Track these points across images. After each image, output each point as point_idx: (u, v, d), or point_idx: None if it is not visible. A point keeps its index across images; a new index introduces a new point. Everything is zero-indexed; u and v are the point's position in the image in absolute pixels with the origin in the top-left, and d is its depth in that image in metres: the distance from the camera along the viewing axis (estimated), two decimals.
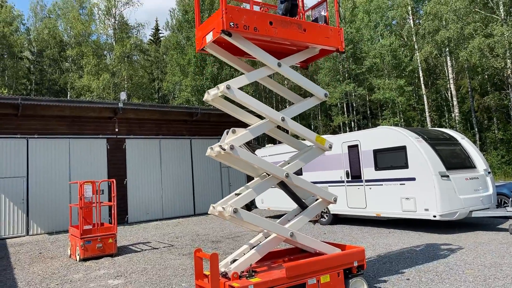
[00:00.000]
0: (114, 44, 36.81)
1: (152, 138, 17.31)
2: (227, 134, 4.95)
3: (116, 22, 37.30)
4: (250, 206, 15.57)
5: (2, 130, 14.11)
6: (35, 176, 14.46)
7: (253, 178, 5.54)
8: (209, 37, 5.01)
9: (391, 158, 10.37)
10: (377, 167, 10.65)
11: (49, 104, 14.43)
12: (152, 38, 55.70)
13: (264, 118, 5.22)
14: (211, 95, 4.99)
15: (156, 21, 56.92)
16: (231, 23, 4.58)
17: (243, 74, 5.31)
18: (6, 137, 14.15)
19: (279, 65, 5.19)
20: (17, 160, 14.22)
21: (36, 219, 14.25)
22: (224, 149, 4.65)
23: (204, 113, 17.89)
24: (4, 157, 14.01)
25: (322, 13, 5.73)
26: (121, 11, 37.93)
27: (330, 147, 5.65)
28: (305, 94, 24.83)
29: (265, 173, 5.28)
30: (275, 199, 13.76)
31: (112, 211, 9.72)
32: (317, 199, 5.65)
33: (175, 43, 37.66)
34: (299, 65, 6.33)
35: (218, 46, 5.33)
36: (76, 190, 13.11)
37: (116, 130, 16.27)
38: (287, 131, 6.63)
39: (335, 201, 5.63)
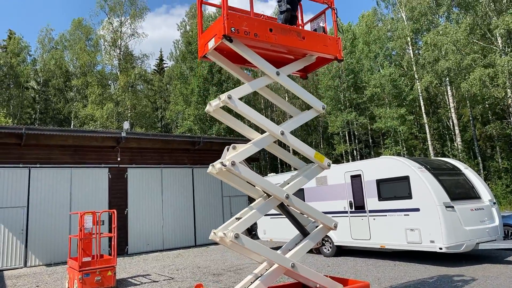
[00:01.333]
0: (118, 74, 37.46)
1: (154, 167, 17.27)
2: (227, 150, 4.92)
3: (121, 53, 38.11)
4: (253, 236, 15.34)
5: (5, 159, 14.14)
6: (36, 206, 14.35)
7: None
8: (211, 43, 5.09)
9: (395, 188, 10.26)
10: (381, 198, 10.53)
11: (53, 133, 14.51)
12: (157, 68, 56.73)
13: (264, 132, 5.22)
14: (213, 106, 4.99)
15: (161, 52, 58.23)
16: (232, 29, 4.67)
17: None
18: (9, 166, 14.15)
19: (277, 73, 5.22)
20: (18, 189, 14.16)
21: (34, 250, 14.02)
22: (225, 165, 4.61)
23: (206, 142, 17.93)
24: (6, 187, 13.95)
25: (321, 24, 5.84)
26: (126, 42, 38.83)
27: (329, 165, 5.56)
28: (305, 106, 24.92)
29: (265, 194, 5.21)
30: (277, 230, 13.55)
31: (112, 243, 9.56)
32: (317, 226, 5.54)
33: (178, 73, 38.34)
34: (298, 75, 6.38)
35: (220, 54, 5.40)
36: (76, 220, 12.95)
37: (118, 159, 16.27)
38: (287, 149, 6.57)
39: (335, 227, 5.51)
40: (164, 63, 57.23)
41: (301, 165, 5.77)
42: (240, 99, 5.01)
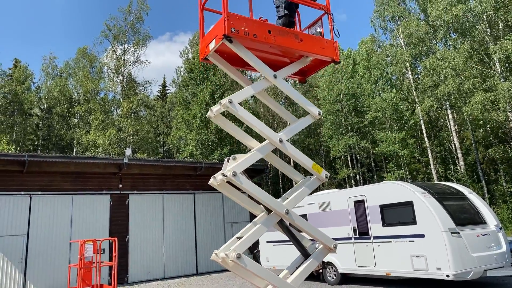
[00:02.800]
0: (121, 100, 37.88)
1: (156, 194, 17.18)
2: (227, 161, 4.86)
3: (124, 80, 38.66)
4: (255, 255, 15.05)
5: (6, 187, 14.10)
6: (36, 234, 14.19)
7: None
8: (212, 45, 5.16)
9: (399, 214, 10.14)
10: (385, 223, 10.39)
11: (55, 160, 14.54)
12: (159, 95, 57.42)
13: (263, 141, 5.20)
14: (214, 112, 5.00)
15: (164, 78, 59.04)
16: (232, 29, 4.77)
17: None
18: (10, 194, 14.10)
19: (275, 76, 5.25)
20: (19, 217, 14.05)
21: (33, 280, 13.76)
22: (226, 176, 4.57)
23: (208, 167, 17.89)
24: (6, 215, 13.86)
25: (318, 30, 5.91)
26: (130, 70, 39.44)
27: (327, 177, 5.45)
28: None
29: (265, 211, 5.10)
30: (281, 258, 13.31)
31: (113, 272, 9.41)
32: (317, 246, 5.43)
33: (181, 99, 38.74)
34: (298, 79, 6.42)
35: (220, 56, 5.46)
36: (77, 248, 12.78)
37: (120, 185, 16.22)
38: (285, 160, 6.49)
39: (335, 247, 5.39)
40: (167, 89, 57.99)
41: (299, 178, 5.71)
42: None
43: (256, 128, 5.08)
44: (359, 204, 11.25)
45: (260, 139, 5.29)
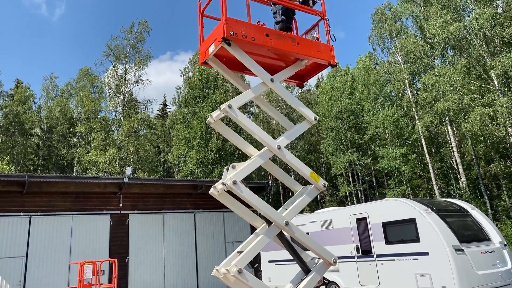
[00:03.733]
0: (122, 120, 38.01)
1: (156, 213, 17.05)
2: (227, 171, 4.84)
3: (125, 99, 38.89)
4: (257, 269, 14.78)
5: (6, 208, 14.02)
6: (35, 256, 14.03)
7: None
8: (211, 48, 5.25)
9: (402, 231, 10.04)
10: (388, 241, 10.27)
11: (55, 180, 14.49)
12: (160, 113, 57.69)
13: (260, 149, 5.21)
14: (214, 117, 5.08)
15: (164, 97, 59.44)
16: (231, 32, 4.86)
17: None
18: (10, 215, 14.01)
19: (271, 80, 5.29)
20: (18, 239, 13.92)
21: None
22: (226, 184, 4.56)
23: (209, 186, 17.73)
24: (5, 236, 13.73)
25: (315, 35, 6.01)
26: (131, 89, 39.72)
27: (324, 186, 5.44)
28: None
29: (265, 224, 5.04)
30: (282, 277, 13.10)
31: None
32: (316, 262, 5.34)
33: (181, 118, 38.88)
34: (295, 83, 6.46)
35: (219, 60, 5.53)
36: (76, 270, 12.60)
37: (120, 205, 16.11)
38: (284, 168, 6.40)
39: (334, 262, 5.30)
40: (168, 108, 58.29)
41: (298, 188, 5.66)
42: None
43: (254, 134, 5.11)
44: (362, 222, 11.15)
45: (258, 146, 5.29)
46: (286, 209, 5.21)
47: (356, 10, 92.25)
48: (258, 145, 5.27)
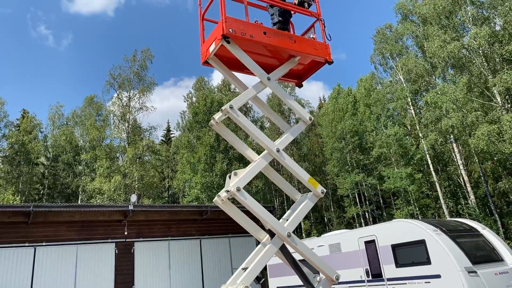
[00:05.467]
0: (127, 146, 38.20)
1: (161, 240, 16.85)
2: (229, 178, 4.82)
3: (130, 126, 39.19)
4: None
5: (11, 239, 13.92)
6: (40, 287, 13.80)
7: None
8: (212, 47, 5.39)
9: (412, 254, 9.82)
10: (398, 264, 10.05)
11: (60, 210, 14.46)
12: (164, 139, 57.99)
13: (259, 155, 5.22)
14: (216, 119, 5.16)
15: (168, 123, 59.90)
16: (230, 29, 5.02)
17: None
18: (14, 246, 13.89)
19: (268, 79, 5.38)
20: (22, 270, 13.74)
21: None
22: (229, 191, 4.55)
23: (214, 211, 17.64)
24: (9, 268, 13.56)
25: (311, 36, 6.14)
26: (135, 116, 40.07)
27: (323, 193, 5.34)
28: None
29: (268, 236, 4.95)
30: None
31: None
32: (319, 280, 5.18)
33: (185, 142, 39.04)
34: (294, 83, 6.55)
35: (220, 60, 5.66)
36: None
37: (125, 233, 15.97)
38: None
39: (337, 279, 5.16)
40: (171, 133, 58.62)
41: (297, 196, 5.56)
42: None
43: (254, 136, 5.17)
44: (370, 245, 10.95)
45: (257, 150, 5.30)
46: (287, 220, 5.12)
47: (357, 32, 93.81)
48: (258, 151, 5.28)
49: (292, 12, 6.18)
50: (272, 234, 4.90)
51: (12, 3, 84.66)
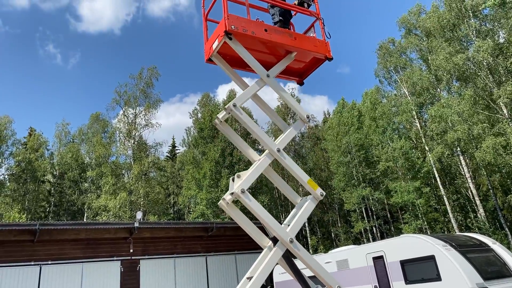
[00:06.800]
0: (132, 163, 38.29)
1: (167, 258, 16.71)
2: (233, 181, 4.81)
3: (135, 143, 39.34)
4: None
5: (16, 257, 13.87)
6: None
7: None
8: (215, 44, 5.51)
9: (421, 270, 9.63)
10: (408, 281, 9.84)
11: (66, 228, 14.43)
12: (169, 155, 58.10)
13: (260, 155, 5.24)
14: (220, 118, 5.24)
15: (173, 139, 60.09)
16: (232, 26, 5.16)
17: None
18: (20, 265, 13.82)
19: (267, 76, 5.47)
20: None
21: None
22: (233, 193, 4.55)
23: (220, 228, 17.54)
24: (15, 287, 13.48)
25: (312, 35, 6.24)
26: (141, 133, 40.26)
27: (322, 195, 5.27)
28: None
29: (270, 242, 4.88)
30: None
31: None
32: None
33: (191, 158, 39.08)
34: (296, 81, 6.61)
35: (223, 58, 5.76)
36: None
37: (131, 251, 15.87)
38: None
39: None
40: (177, 149, 58.75)
41: (297, 199, 5.52)
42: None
43: (255, 134, 5.23)
44: (379, 261, 10.76)
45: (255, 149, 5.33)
46: (289, 225, 5.06)
47: (361, 46, 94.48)
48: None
49: (293, 14, 6.36)
50: (275, 241, 4.85)
51: (22, 23, 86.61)
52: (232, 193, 4.61)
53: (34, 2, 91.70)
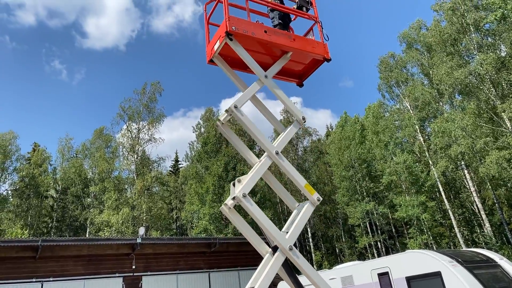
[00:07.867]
0: (135, 178, 38.25)
1: (169, 274, 16.53)
2: (233, 186, 4.80)
3: (139, 158, 39.37)
4: None
5: (18, 274, 13.76)
6: None
7: None
8: (216, 45, 5.63)
9: (427, 286, 9.47)
10: None
11: (68, 244, 14.34)
12: (172, 169, 58.05)
13: (258, 158, 5.24)
14: (222, 120, 5.32)
15: (176, 153, 60.12)
16: (233, 27, 5.31)
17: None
18: (21, 282, 13.70)
19: (266, 76, 5.55)
20: None
21: None
22: (234, 198, 4.53)
23: (223, 243, 17.39)
24: None
25: (310, 37, 6.35)
26: (144, 148, 40.32)
27: (319, 200, 5.24)
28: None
29: (270, 250, 4.82)
30: None
31: None
32: None
33: (194, 173, 39.02)
34: (295, 82, 6.68)
35: (224, 60, 5.87)
36: None
37: (133, 267, 15.71)
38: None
39: None
40: (180, 164, 58.72)
41: (294, 204, 5.49)
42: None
43: (255, 136, 5.25)
44: (384, 277, 10.59)
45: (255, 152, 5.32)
46: (287, 233, 5.01)
47: (363, 60, 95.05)
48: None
49: (293, 18, 6.50)
50: (274, 248, 4.81)
51: (29, 39, 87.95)
52: (233, 198, 4.62)
53: (41, 19, 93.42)
